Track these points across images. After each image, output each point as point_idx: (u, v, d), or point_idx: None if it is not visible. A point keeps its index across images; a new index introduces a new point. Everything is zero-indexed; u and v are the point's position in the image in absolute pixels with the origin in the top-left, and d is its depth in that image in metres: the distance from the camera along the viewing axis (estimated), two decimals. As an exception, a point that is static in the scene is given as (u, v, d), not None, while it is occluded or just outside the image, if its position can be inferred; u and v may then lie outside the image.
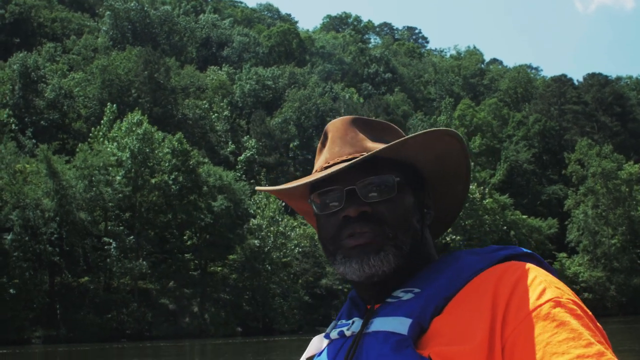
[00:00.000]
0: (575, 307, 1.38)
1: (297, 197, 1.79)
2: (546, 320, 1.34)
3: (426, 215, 1.68)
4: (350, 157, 1.62)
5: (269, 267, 56.15)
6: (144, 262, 51.06)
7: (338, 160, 1.63)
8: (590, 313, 1.40)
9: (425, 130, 1.58)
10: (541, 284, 1.40)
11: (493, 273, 1.47)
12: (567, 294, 1.40)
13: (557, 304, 1.37)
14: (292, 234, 59.00)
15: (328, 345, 1.67)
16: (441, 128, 1.61)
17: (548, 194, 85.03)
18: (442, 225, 1.84)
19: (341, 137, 1.68)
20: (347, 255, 1.56)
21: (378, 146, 1.63)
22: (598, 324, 1.39)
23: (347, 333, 1.59)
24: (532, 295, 1.38)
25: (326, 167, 1.64)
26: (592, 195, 73.74)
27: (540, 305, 1.36)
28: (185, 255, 56.09)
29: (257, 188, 1.84)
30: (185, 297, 53.56)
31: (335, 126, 1.71)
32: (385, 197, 1.57)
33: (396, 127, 1.76)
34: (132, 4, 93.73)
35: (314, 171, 1.72)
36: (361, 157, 1.55)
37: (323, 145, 1.73)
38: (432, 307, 1.46)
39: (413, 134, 1.56)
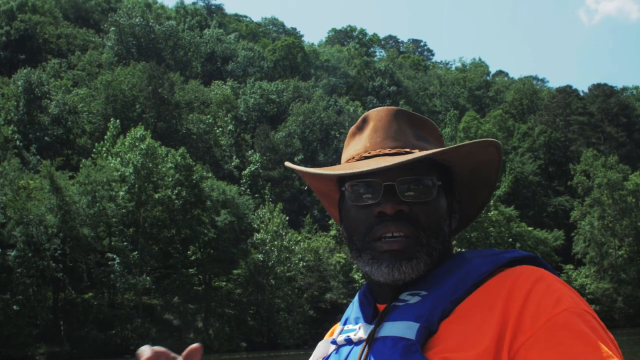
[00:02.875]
0: (591, 318, 1.37)
1: (322, 179, 1.77)
2: (563, 330, 1.33)
3: (452, 220, 1.67)
4: (393, 151, 1.61)
5: (273, 282, 55.98)
6: (148, 278, 50.96)
7: (380, 153, 1.61)
8: (602, 323, 1.41)
9: (476, 140, 1.58)
10: (555, 293, 1.40)
11: (505, 278, 1.46)
12: (581, 303, 1.40)
13: (573, 313, 1.36)
14: (296, 248, 58.82)
15: (335, 350, 1.65)
16: (489, 139, 1.60)
17: (554, 205, 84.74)
18: (460, 225, 1.82)
19: (384, 127, 1.66)
20: (377, 257, 1.54)
21: (420, 144, 1.64)
22: (610, 334, 1.40)
23: (355, 339, 1.57)
24: (548, 304, 1.37)
25: (366, 157, 1.63)
26: (598, 207, 73.40)
27: (557, 315, 1.35)
28: (189, 270, 55.95)
29: (287, 164, 1.79)
30: (190, 313, 53.43)
31: (379, 115, 1.69)
32: (423, 199, 1.56)
33: (433, 122, 1.74)
34: (137, 20, 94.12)
35: (349, 157, 1.69)
36: (412, 155, 1.52)
37: (360, 130, 1.71)
38: (439, 310, 1.46)
39: (465, 142, 1.56)
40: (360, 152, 1.65)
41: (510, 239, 70.10)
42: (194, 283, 56.25)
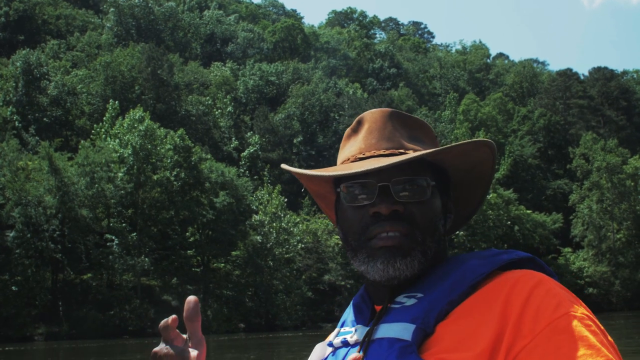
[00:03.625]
0: (590, 323, 1.37)
1: (318, 181, 1.77)
2: (563, 335, 1.33)
3: (448, 219, 1.68)
4: (387, 152, 1.62)
5: (272, 263, 56.14)
6: (146, 259, 51.06)
7: (375, 154, 1.62)
8: (602, 327, 1.40)
9: (469, 140, 1.59)
10: (555, 297, 1.39)
11: (505, 281, 1.46)
12: (581, 308, 1.40)
13: (573, 317, 1.36)
14: (295, 229, 58.91)
15: (331, 352, 1.65)
16: (482, 139, 1.61)
17: (553, 188, 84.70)
18: (454, 226, 1.82)
19: (379, 129, 1.66)
20: (372, 255, 1.54)
21: (414, 145, 1.64)
22: (610, 337, 1.40)
23: (351, 341, 1.58)
24: (547, 308, 1.37)
25: (361, 158, 1.63)
26: (597, 190, 73.39)
27: (557, 319, 1.35)
28: (188, 251, 56.08)
29: (283, 166, 1.79)
30: (188, 294, 53.37)
31: (373, 117, 1.69)
32: (417, 199, 1.56)
33: (427, 124, 1.75)
34: (137, 1, 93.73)
35: (344, 159, 1.70)
36: (406, 156, 1.53)
37: (355, 132, 1.72)
38: (435, 312, 1.45)
39: (458, 143, 1.57)
40: (355, 153, 1.66)
41: (509, 222, 70.18)
42: (192, 264, 56.40)
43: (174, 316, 1.36)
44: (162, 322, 1.34)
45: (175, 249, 55.83)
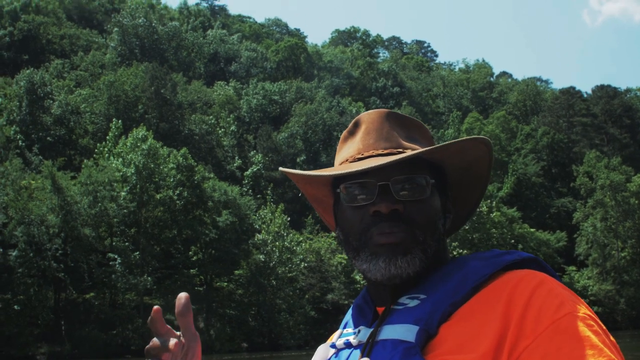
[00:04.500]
0: (592, 323, 1.38)
1: (316, 184, 1.78)
2: (565, 335, 1.33)
3: (447, 218, 1.69)
4: (386, 151, 1.63)
5: (275, 283, 55.97)
6: (149, 278, 50.95)
7: (373, 153, 1.64)
8: (604, 327, 1.41)
9: (465, 138, 1.59)
10: (557, 297, 1.40)
11: (507, 282, 1.47)
12: (583, 308, 1.41)
13: (576, 317, 1.36)
14: (298, 248, 58.81)
15: (334, 354, 1.66)
16: (479, 136, 1.62)
17: (557, 206, 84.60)
18: (453, 226, 1.82)
19: (377, 129, 1.68)
20: (374, 252, 1.55)
21: (412, 145, 1.66)
22: (612, 338, 1.40)
23: (354, 342, 1.58)
24: (549, 308, 1.37)
25: (360, 159, 1.65)
26: (601, 208, 73.27)
27: (559, 319, 1.35)
28: (191, 270, 56.00)
29: (281, 169, 1.79)
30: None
31: (370, 117, 1.71)
32: (417, 198, 1.57)
33: (424, 124, 1.78)
34: (140, 21, 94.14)
35: (342, 160, 1.72)
36: (405, 154, 1.55)
37: (352, 134, 1.74)
38: (438, 313, 1.47)
39: (455, 140, 1.58)
40: (354, 154, 1.67)
41: (513, 241, 70.00)
42: (195, 283, 56.24)
43: (156, 307, 1.37)
44: (149, 317, 1.36)
45: (178, 268, 55.75)
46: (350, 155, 1.68)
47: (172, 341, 1.35)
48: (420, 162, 1.60)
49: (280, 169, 1.82)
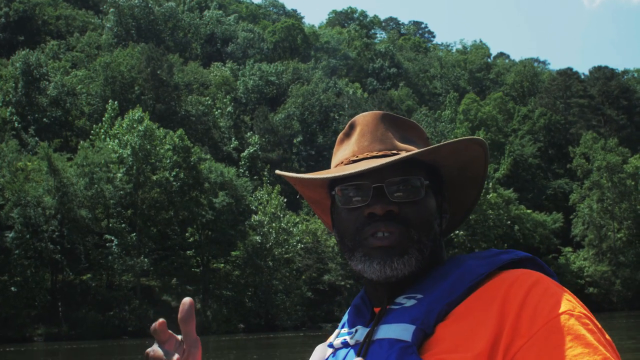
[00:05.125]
0: (588, 322, 1.38)
1: (313, 186, 1.78)
2: (560, 333, 1.34)
3: (443, 219, 1.69)
4: (380, 153, 1.63)
5: (271, 264, 56.12)
6: (146, 259, 51.07)
7: (368, 156, 1.64)
8: (600, 326, 1.41)
9: (459, 138, 1.59)
10: (553, 296, 1.41)
11: (502, 281, 1.47)
12: (579, 307, 1.41)
13: (571, 316, 1.37)
14: (294, 230, 58.89)
15: (332, 354, 1.66)
16: (473, 137, 1.62)
17: (553, 188, 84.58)
18: (449, 227, 1.82)
19: (371, 131, 1.68)
20: (368, 254, 1.55)
21: (407, 146, 1.66)
22: (607, 336, 1.41)
23: (351, 342, 1.58)
24: (545, 307, 1.38)
25: (354, 161, 1.65)
26: (598, 189, 73.36)
27: (554, 318, 1.36)
28: (187, 252, 56.12)
29: (278, 172, 1.79)
30: (187, 294, 53.47)
31: (365, 119, 1.71)
32: (412, 199, 1.57)
33: (419, 125, 1.77)
34: (136, 1, 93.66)
35: (338, 162, 1.72)
36: (399, 156, 1.54)
37: (348, 136, 1.74)
38: (435, 313, 1.47)
39: (448, 141, 1.58)
40: (349, 156, 1.68)
41: (509, 222, 70.13)
42: (192, 265, 56.44)
43: (161, 320, 1.36)
44: (152, 325, 1.35)
45: (174, 250, 55.88)
46: (345, 158, 1.69)
47: (175, 356, 1.34)
48: (415, 163, 1.61)
49: (277, 172, 1.83)
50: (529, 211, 73.55)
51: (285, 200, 59.78)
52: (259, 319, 54.83)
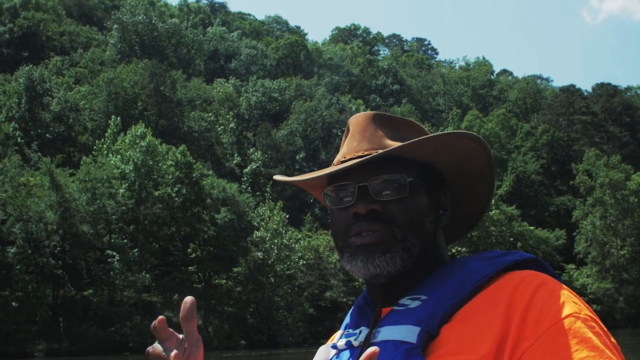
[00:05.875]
0: (594, 324, 1.38)
1: (312, 188, 1.83)
2: (566, 336, 1.33)
3: (441, 216, 1.66)
4: (366, 153, 1.63)
5: (273, 280, 55.95)
6: (148, 275, 50.97)
7: (354, 156, 1.65)
8: (606, 329, 1.41)
9: (441, 132, 1.58)
10: (559, 298, 1.40)
11: (508, 282, 1.47)
12: (585, 309, 1.41)
13: (577, 319, 1.36)
14: (296, 246, 58.78)
15: (335, 355, 1.65)
16: (460, 131, 1.59)
17: (556, 204, 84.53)
18: (464, 227, 1.83)
19: (360, 132, 1.69)
20: (353, 253, 1.57)
21: (396, 144, 1.63)
22: (613, 339, 1.40)
23: (355, 343, 1.57)
24: (551, 309, 1.37)
25: (342, 162, 1.67)
26: (600, 206, 73.26)
27: (560, 320, 1.35)
28: (189, 267, 56.01)
29: (275, 177, 1.82)
30: (189, 310, 53.27)
31: (356, 120, 1.73)
32: (396, 197, 1.57)
33: (418, 124, 1.75)
34: (140, 17, 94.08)
35: (332, 164, 1.73)
36: (375, 154, 1.56)
37: (345, 138, 1.76)
38: (439, 314, 1.47)
39: (428, 135, 1.58)
40: (339, 157, 1.70)
41: (512, 239, 69.97)
42: (193, 281, 56.29)
43: (161, 317, 1.38)
44: (152, 323, 1.37)
45: (176, 265, 55.77)
46: (337, 160, 1.71)
47: (173, 352, 1.34)
48: (399, 161, 1.59)
49: (275, 177, 1.85)
50: (531, 228, 73.45)
51: (288, 216, 59.69)
52: (261, 335, 54.64)
